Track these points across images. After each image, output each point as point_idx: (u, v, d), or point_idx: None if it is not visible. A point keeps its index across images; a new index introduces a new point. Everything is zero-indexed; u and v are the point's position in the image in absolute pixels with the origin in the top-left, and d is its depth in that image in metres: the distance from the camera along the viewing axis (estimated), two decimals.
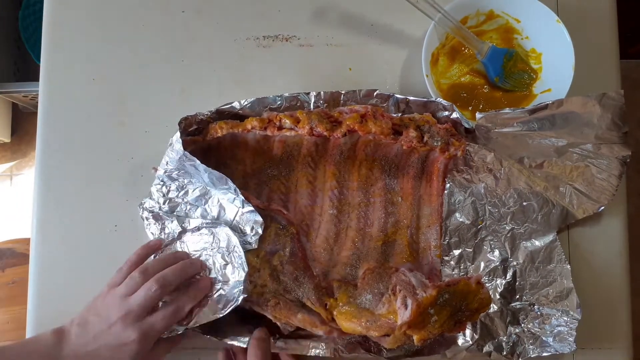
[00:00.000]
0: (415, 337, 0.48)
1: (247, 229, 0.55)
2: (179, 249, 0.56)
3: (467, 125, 0.56)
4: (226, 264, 0.54)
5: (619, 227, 0.61)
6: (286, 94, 0.58)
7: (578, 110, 0.54)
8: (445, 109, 0.56)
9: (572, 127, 0.55)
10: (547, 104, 0.53)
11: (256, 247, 0.54)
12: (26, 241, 1.01)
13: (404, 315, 0.47)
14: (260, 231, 0.54)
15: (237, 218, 0.55)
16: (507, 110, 0.54)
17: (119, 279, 0.53)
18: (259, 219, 0.54)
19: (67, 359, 0.50)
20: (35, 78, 0.65)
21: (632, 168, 1.45)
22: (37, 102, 0.65)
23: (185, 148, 0.54)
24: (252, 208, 0.54)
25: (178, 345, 0.55)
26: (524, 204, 0.57)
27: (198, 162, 0.52)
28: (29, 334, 0.60)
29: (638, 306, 0.66)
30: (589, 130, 0.55)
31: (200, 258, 0.55)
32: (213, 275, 0.54)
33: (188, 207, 0.57)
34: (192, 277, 0.54)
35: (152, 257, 0.57)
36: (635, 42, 1.33)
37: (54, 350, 0.50)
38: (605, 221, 0.61)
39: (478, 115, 0.54)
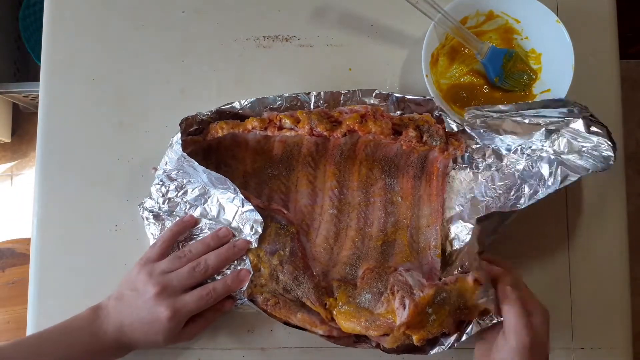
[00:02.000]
0: (414, 337, 0.48)
1: (247, 228, 0.55)
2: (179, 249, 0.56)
3: (454, 128, 0.56)
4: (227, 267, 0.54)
5: (619, 227, 0.61)
6: (286, 94, 0.58)
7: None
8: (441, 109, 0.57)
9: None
10: (530, 103, 0.53)
11: (256, 245, 0.54)
12: (26, 241, 1.01)
13: (402, 316, 0.48)
14: (260, 230, 0.54)
15: (237, 217, 0.56)
16: (491, 106, 0.54)
17: (153, 255, 0.54)
18: (259, 217, 0.54)
19: (109, 332, 0.51)
20: (36, 78, 0.65)
21: (632, 168, 1.45)
22: (38, 102, 0.65)
23: (185, 148, 0.54)
24: (251, 207, 0.54)
25: (210, 326, 0.55)
26: (527, 179, 0.55)
27: (196, 163, 0.52)
28: (29, 333, 0.60)
29: (638, 306, 0.66)
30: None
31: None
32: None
33: (187, 206, 0.57)
34: (234, 261, 0.55)
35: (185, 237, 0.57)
36: (635, 42, 1.33)
37: (95, 325, 0.51)
38: (605, 221, 0.61)
39: (466, 114, 0.55)
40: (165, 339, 0.52)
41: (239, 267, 0.55)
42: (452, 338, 0.49)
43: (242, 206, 0.55)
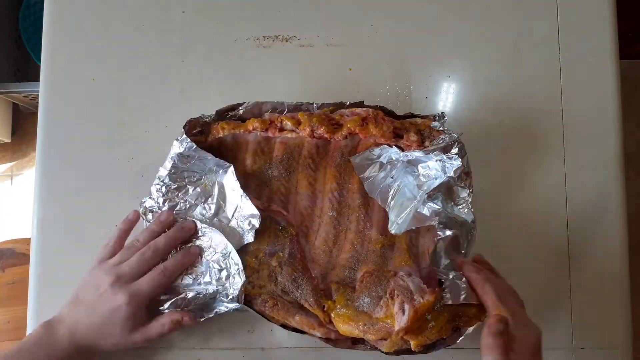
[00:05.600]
0: (412, 343, 0.48)
1: (246, 224, 0.55)
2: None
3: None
4: (221, 269, 0.54)
5: (619, 227, 0.61)
6: (289, 102, 0.58)
7: None
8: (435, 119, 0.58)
9: None
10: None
11: (252, 240, 0.54)
12: (26, 241, 1.01)
13: (401, 321, 0.47)
14: (256, 224, 0.54)
15: (236, 214, 0.56)
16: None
17: (107, 254, 0.54)
18: (256, 212, 0.54)
19: (63, 340, 0.51)
20: (36, 78, 0.65)
21: (632, 168, 1.45)
22: (38, 102, 0.65)
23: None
24: (249, 202, 0.54)
25: (173, 331, 0.53)
26: None
27: (206, 152, 0.54)
28: (29, 333, 0.60)
29: (638, 306, 0.66)
30: None
31: (197, 264, 0.55)
32: (207, 279, 0.55)
33: (187, 205, 0.57)
34: (185, 242, 0.55)
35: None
36: (635, 42, 1.33)
37: (49, 337, 0.51)
38: (605, 221, 0.61)
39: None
40: (124, 330, 0.51)
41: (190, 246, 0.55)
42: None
43: (241, 201, 0.55)
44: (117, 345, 0.52)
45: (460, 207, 0.54)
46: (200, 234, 0.56)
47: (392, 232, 0.54)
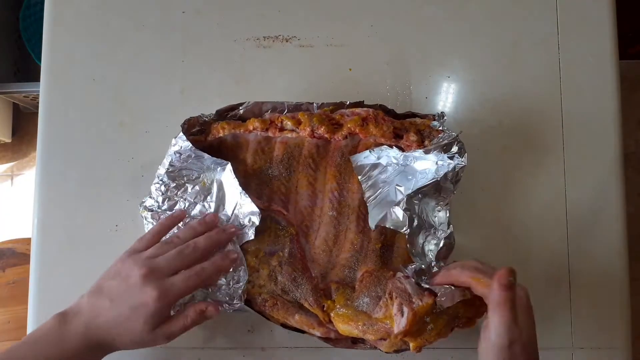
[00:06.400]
0: (411, 345, 0.48)
1: (246, 221, 0.55)
2: None
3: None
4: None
5: (619, 227, 0.61)
6: (289, 102, 0.58)
7: None
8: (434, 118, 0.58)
9: None
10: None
11: (253, 237, 0.55)
12: (27, 241, 1.01)
13: (400, 324, 0.47)
14: (256, 221, 0.54)
15: (236, 211, 0.56)
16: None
17: (140, 246, 0.51)
18: (255, 209, 0.54)
19: (76, 335, 0.47)
20: (36, 78, 0.65)
21: (632, 168, 1.45)
22: (38, 103, 0.65)
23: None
24: (249, 199, 0.54)
25: (197, 324, 0.51)
26: None
27: (204, 154, 0.54)
28: (29, 333, 0.60)
29: (638, 306, 0.66)
30: None
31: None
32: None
33: (187, 204, 0.57)
34: (224, 245, 0.53)
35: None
36: (635, 42, 1.33)
37: (62, 329, 0.47)
38: (605, 221, 0.61)
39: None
40: (146, 328, 0.47)
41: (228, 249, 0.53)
42: None
43: (240, 198, 0.55)
44: (134, 342, 0.48)
45: (439, 210, 0.54)
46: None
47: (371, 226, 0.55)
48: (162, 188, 0.57)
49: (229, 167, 0.55)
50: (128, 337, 0.48)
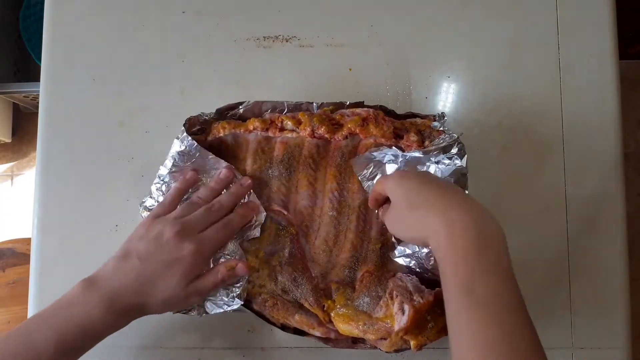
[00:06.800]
0: (412, 343, 0.48)
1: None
2: None
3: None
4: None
5: (619, 227, 0.61)
6: (289, 102, 0.58)
7: None
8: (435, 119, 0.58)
9: None
10: None
11: (258, 235, 0.55)
12: (27, 241, 1.01)
13: (401, 321, 0.47)
14: (261, 219, 0.55)
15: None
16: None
17: (162, 211, 0.53)
18: (257, 201, 0.55)
19: (102, 300, 0.47)
20: (36, 78, 0.65)
21: (632, 168, 1.45)
22: (38, 103, 0.65)
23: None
24: (252, 195, 0.55)
25: (227, 281, 0.52)
26: None
27: (206, 151, 0.55)
28: None
29: (638, 306, 0.66)
30: None
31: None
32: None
33: None
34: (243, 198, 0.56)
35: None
36: (635, 42, 1.33)
37: (84, 297, 0.47)
38: (606, 221, 0.61)
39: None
40: (182, 282, 0.48)
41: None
42: None
43: (244, 197, 0.56)
44: (165, 302, 0.49)
45: None
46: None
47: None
48: (163, 188, 0.57)
49: (231, 167, 0.56)
50: (160, 295, 0.48)
